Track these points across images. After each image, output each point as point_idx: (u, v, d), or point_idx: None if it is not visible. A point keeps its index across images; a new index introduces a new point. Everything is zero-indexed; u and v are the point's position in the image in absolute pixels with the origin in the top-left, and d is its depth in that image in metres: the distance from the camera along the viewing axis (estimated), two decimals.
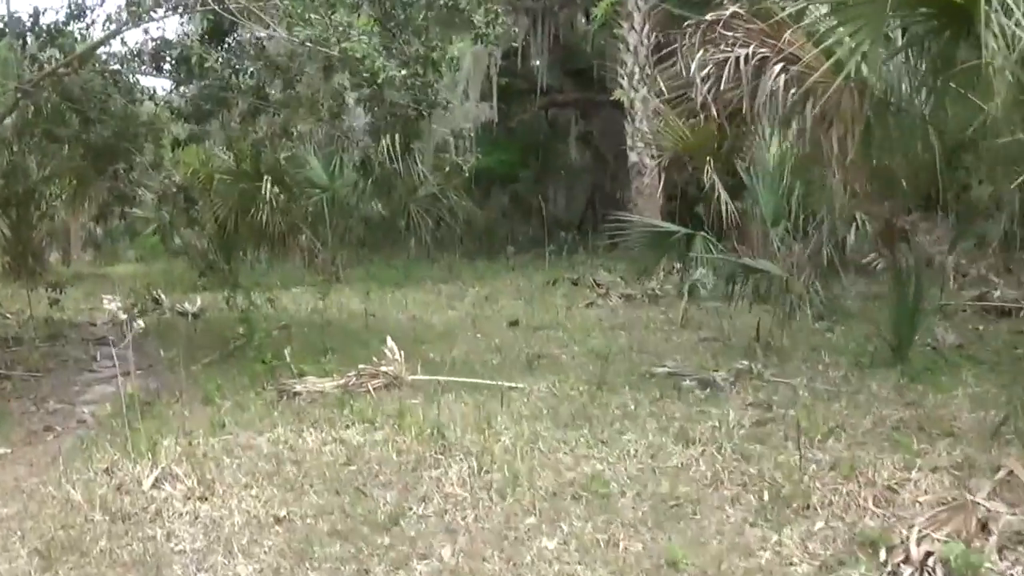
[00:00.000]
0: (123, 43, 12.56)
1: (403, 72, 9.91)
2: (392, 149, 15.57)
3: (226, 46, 12.60)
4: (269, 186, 16.92)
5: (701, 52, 8.90)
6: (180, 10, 11.09)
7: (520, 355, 11.28)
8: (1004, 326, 12.57)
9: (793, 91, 8.40)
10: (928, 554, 5.11)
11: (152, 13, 10.90)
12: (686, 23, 9.43)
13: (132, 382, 8.85)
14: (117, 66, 12.70)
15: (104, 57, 12.75)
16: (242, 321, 11.79)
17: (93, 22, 12.22)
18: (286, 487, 6.60)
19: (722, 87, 8.72)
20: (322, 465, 6.97)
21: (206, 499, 6.44)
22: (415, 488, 6.51)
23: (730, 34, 8.82)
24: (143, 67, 12.68)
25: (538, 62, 25.36)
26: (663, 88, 20.35)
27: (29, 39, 12.46)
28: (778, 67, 8.39)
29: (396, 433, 7.57)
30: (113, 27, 11.56)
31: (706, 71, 8.76)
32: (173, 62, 12.48)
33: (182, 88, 13.62)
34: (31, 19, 12.32)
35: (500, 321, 13.98)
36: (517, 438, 7.38)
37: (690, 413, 8.22)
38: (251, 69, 11.91)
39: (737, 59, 8.61)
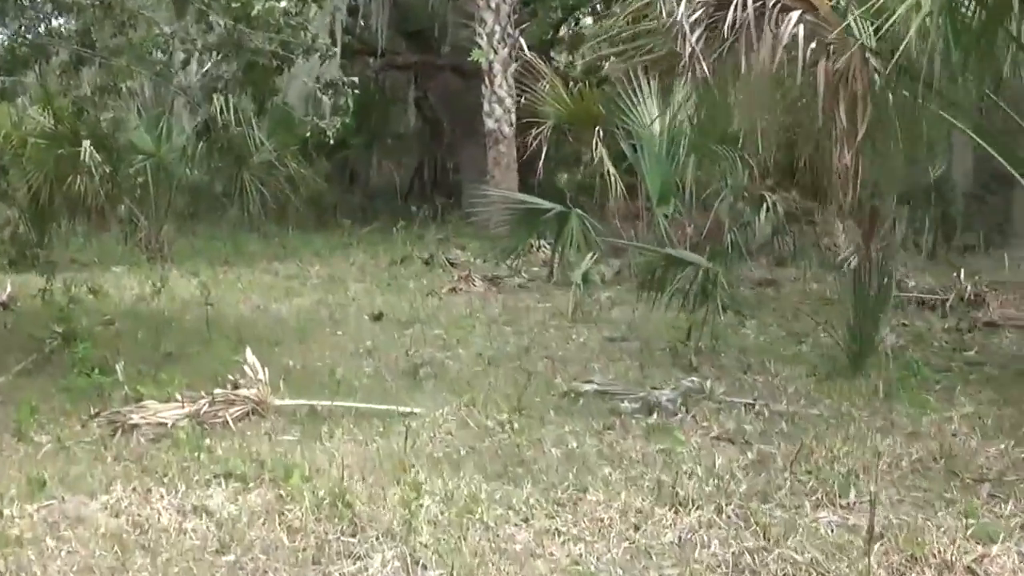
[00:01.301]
0: None
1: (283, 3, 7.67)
2: (236, 109, 13.16)
3: None
4: (90, 151, 14.33)
5: None
6: None
7: (398, 361, 9.18)
8: (936, 323, 11.01)
9: (813, 45, 6.44)
10: None
11: None
12: None
13: None
14: None
15: None
16: (59, 320, 9.29)
17: None
18: None
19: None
20: (185, 554, 4.76)
21: None
22: None
23: None
24: None
25: (375, 21, 22.96)
26: (524, 48, 18.62)
27: None
28: (796, 14, 6.44)
29: (281, 499, 5.39)
30: None
31: (696, 15, 6.71)
32: None
33: None
34: None
35: (359, 313, 11.76)
36: (445, 503, 5.32)
37: (650, 453, 6.32)
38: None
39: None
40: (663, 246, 13.20)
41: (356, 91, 10.53)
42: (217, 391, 7.08)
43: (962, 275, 11.85)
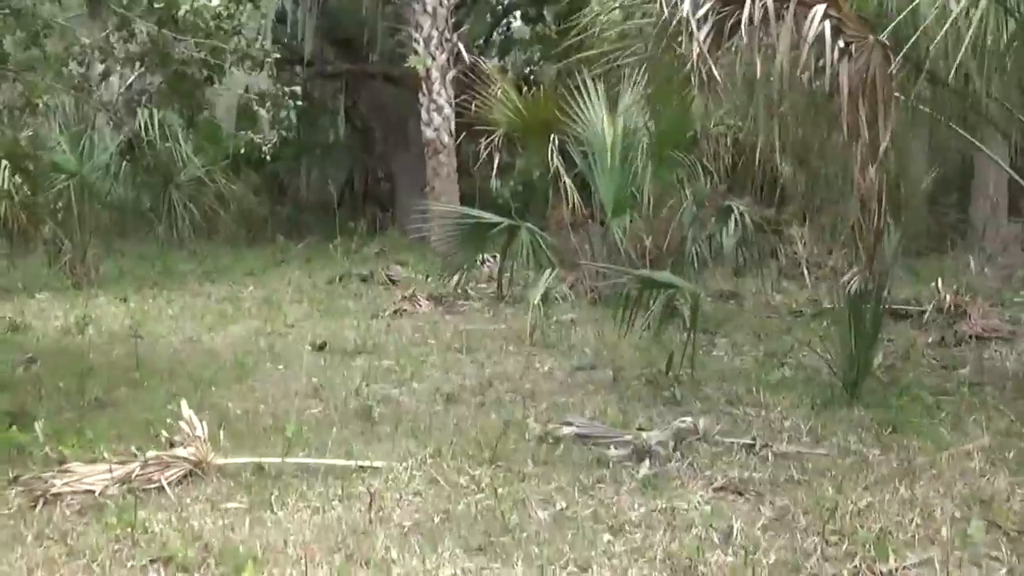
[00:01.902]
0: None
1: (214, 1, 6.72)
2: (162, 124, 12.15)
3: None
4: (7, 173, 13.23)
5: None
6: None
7: (348, 400, 8.23)
8: (918, 337, 10.28)
9: (841, 44, 5.61)
10: None
11: None
12: None
13: None
14: None
15: None
16: None
17: None
18: None
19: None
20: None
21: None
22: None
23: None
24: None
25: (303, 29, 21.93)
26: (464, 54, 17.73)
27: None
28: (820, 8, 5.61)
29: None
30: None
31: (705, 9, 5.84)
32: None
33: None
34: None
35: (300, 342, 10.78)
36: None
37: (652, 513, 5.45)
38: None
39: None
40: (619, 259, 12.44)
41: (298, 102, 9.60)
42: (150, 454, 6.11)
43: (940, 284, 11.11)
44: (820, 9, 5.59)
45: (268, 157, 10.45)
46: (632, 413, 7.51)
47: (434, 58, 17.14)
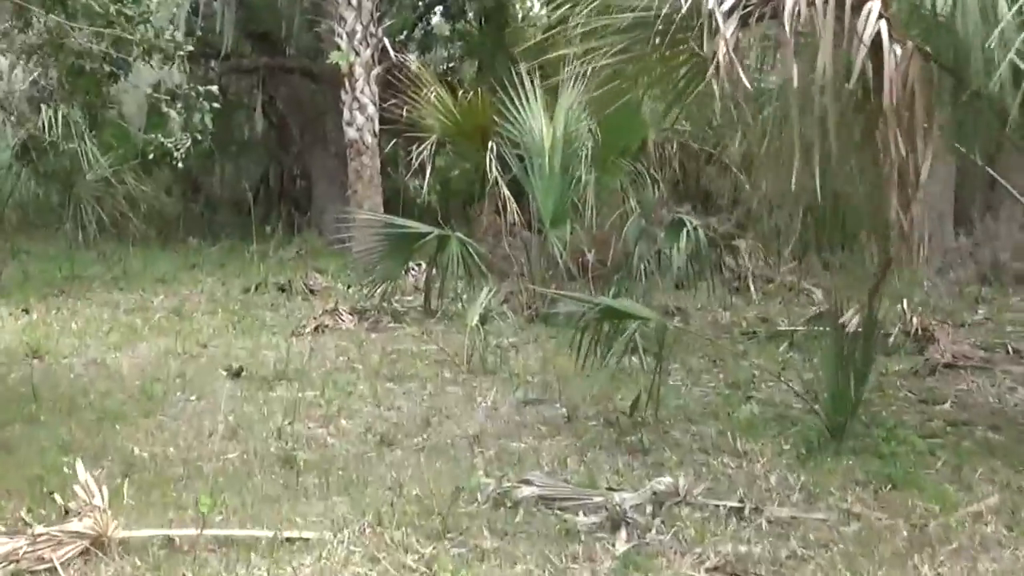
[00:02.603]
0: None
1: None
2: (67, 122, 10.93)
3: None
4: None
5: None
6: None
7: (269, 441, 7.17)
8: (889, 365, 9.43)
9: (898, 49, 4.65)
10: None
11: None
12: None
13: None
14: None
15: None
16: None
17: None
18: None
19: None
20: None
21: None
22: None
23: None
24: None
25: (219, 21, 20.57)
26: (390, 50, 16.62)
27: None
28: (875, 5, 4.65)
29: None
30: None
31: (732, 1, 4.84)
32: None
33: None
34: None
35: (214, 365, 9.65)
36: None
37: None
38: None
39: None
40: (558, 273, 11.53)
41: (214, 104, 8.57)
42: (39, 529, 5.01)
43: (905, 305, 10.26)
44: (875, 6, 4.65)
45: (179, 163, 9.27)
46: (596, 465, 6.53)
47: (358, 54, 15.93)
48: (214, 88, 8.84)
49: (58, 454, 6.51)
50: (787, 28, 4.59)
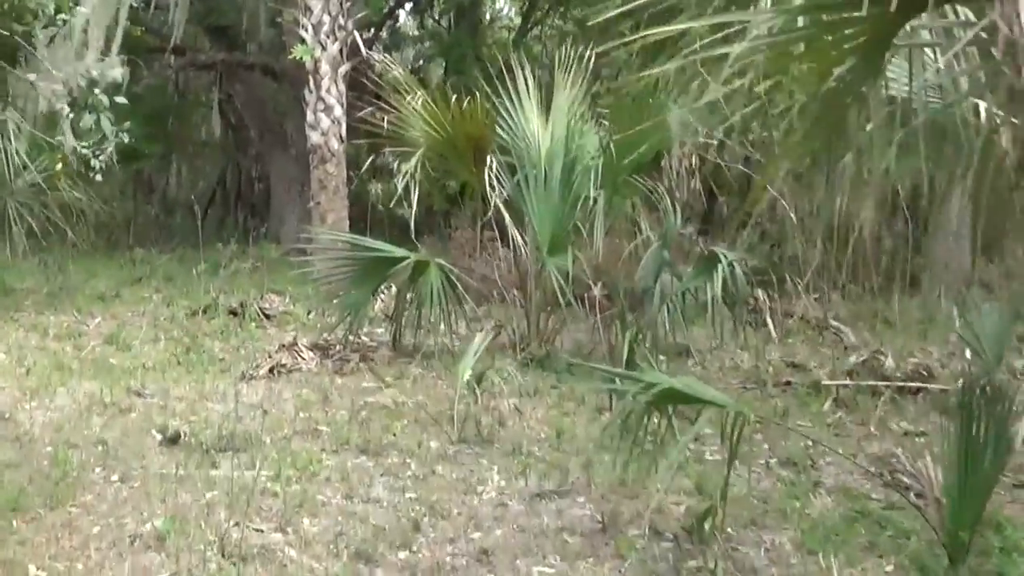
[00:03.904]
0: None
1: None
2: None
3: None
4: None
5: None
6: None
7: (208, 556, 5.26)
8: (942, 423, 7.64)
9: None
10: None
11: None
12: None
13: None
14: None
15: None
16: None
17: None
18: None
19: None
20: None
21: None
22: None
23: None
24: None
25: (174, 14, 18.54)
26: (361, 47, 14.70)
27: None
28: None
29: None
30: None
31: None
32: None
33: None
34: None
35: (146, 424, 7.71)
36: None
37: None
38: None
39: None
40: (559, 310, 9.74)
41: (120, 101, 6.74)
42: None
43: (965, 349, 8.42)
44: None
45: (99, 176, 7.40)
46: None
47: (324, 48, 13.90)
48: (121, 98, 7.00)
49: None
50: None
